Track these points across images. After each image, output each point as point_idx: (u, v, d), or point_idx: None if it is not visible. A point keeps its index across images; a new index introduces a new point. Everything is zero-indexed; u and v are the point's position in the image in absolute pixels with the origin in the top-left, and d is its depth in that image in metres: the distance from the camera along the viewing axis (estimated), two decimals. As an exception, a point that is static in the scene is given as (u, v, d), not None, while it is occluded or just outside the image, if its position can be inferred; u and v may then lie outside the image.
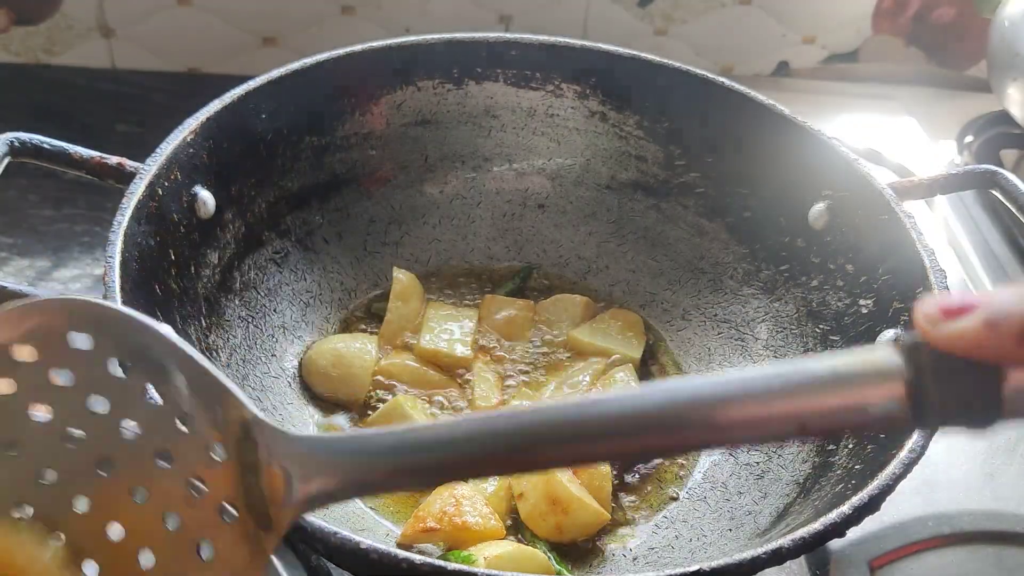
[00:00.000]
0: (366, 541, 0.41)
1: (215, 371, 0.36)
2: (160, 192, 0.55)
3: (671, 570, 0.42)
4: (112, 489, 0.38)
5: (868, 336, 0.59)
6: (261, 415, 0.35)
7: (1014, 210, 0.59)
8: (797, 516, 0.53)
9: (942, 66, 1.08)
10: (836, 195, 0.63)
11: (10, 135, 0.53)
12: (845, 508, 0.45)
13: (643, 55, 0.69)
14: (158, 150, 0.57)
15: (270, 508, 0.35)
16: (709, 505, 0.60)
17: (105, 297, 0.49)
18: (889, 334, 0.57)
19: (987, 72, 0.96)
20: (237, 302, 0.63)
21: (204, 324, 0.59)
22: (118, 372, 0.37)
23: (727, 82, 0.68)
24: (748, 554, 0.43)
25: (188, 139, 0.58)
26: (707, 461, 0.63)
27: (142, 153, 0.56)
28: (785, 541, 0.44)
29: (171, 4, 0.94)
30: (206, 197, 0.59)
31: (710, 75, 0.68)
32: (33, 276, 0.75)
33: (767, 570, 0.43)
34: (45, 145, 0.55)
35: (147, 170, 0.55)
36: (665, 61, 0.69)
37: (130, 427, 0.37)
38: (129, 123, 0.90)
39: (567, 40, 0.70)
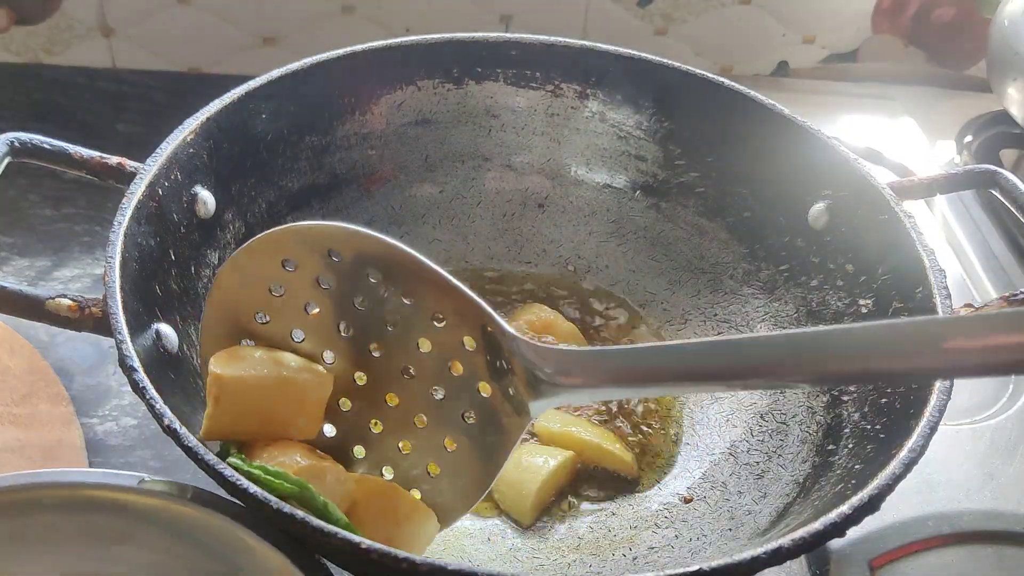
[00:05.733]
0: (366, 541, 0.41)
1: (457, 283, 0.46)
2: (160, 192, 0.55)
3: (671, 570, 0.42)
4: (384, 367, 0.50)
5: (868, 336, 0.59)
6: (502, 321, 0.46)
7: (1014, 210, 0.59)
8: (797, 516, 0.53)
9: (942, 66, 1.08)
10: (836, 195, 0.63)
11: (10, 135, 0.53)
12: (845, 508, 0.45)
13: (643, 55, 0.69)
14: (158, 150, 0.57)
15: (522, 397, 0.46)
16: (709, 505, 0.60)
17: (105, 297, 0.49)
18: (889, 334, 0.57)
19: (987, 72, 0.96)
20: (237, 302, 0.63)
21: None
22: (371, 278, 0.48)
23: (727, 82, 0.68)
24: (748, 554, 0.43)
25: (188, 139, 0.58)
26: (707, 460, 0.63)
27: (142, 153, 0.56)
28: (785, 541, 0.44)
29: (171, 4, 0.94)
30: (206, 197, 0.59)
31: (710, 75, 0.68)
32: (33, 276, 0.75)
33: (767, 570, 0.43)
34: (45, 145, 0.54)
35: (147, 170, 0.55)
36: (665, 61, 0.69)
37: (391, 318, 0.48)
38: (129, 123, 0.90)
39: (567, 40, 0.70)
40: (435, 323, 0.48)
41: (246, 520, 0.45)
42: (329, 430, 0.51)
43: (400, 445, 0.51)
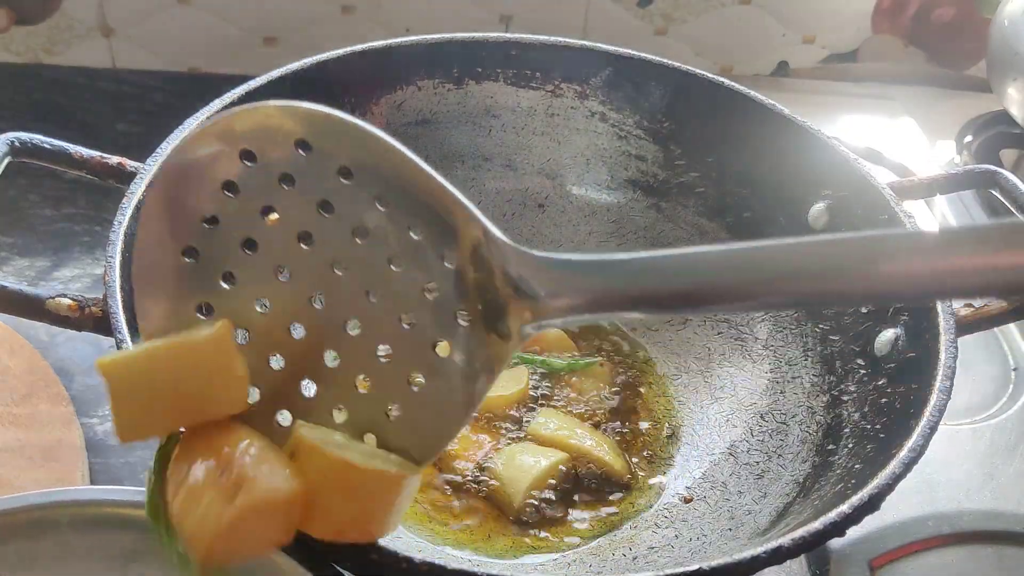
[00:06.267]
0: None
1: (446, 184, 0.38)
2: (160, 192, 0.55)
3: (671, 570, 0.42)
4: (347, 288, 0.41)
5: (868, 336, 0.59)
6: (495, 230, 0.37)
7: (1014, 210, 0.59)
8: (797, 516, 0.53)
9: (942, 66, 1.08)
10: (836, 195, 0.63)
11: (10, 135, 0.53)
12: (845, 508, 0.45)
13: (643, 55, 0.69)
14: (158, 150, 0.57)
15: (508, 319, 0.38)
16: (709, 505, 0.60)
17: (105, 297, 0.49)
18: (889, 334, 0.57)
19: (987, 72, 0.96)
20: (237, 302, 0.63)
21: (204, 324, 0.59)
22: (343, 178, 0.39)
23: (727, 82, 0.68)
24: (748, 554, 0.43)
25: (188, 139, 0.58)
26: (707, 460, 0.63)
27: (142, 153, 0.56)
28: (785, 541, 0.44)
29: (171, 4, 0.94)
30: (206, 197, 0.59)
31: (710, 75, 0.68)
32: (33, 276, 0.75)
33: (767, 570, 0.43)
34: (45, 145, 0.54)
35: (147, 170, 0.55)
36: (665, 61, 0.69)
37: (359, 229, 0.40)
38: (130, 123, 0.90)
39: (567, 40, 0.70)
40: (412, 235, 0.40)
41: None
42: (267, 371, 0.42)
43: (359, 381, 0.42)
